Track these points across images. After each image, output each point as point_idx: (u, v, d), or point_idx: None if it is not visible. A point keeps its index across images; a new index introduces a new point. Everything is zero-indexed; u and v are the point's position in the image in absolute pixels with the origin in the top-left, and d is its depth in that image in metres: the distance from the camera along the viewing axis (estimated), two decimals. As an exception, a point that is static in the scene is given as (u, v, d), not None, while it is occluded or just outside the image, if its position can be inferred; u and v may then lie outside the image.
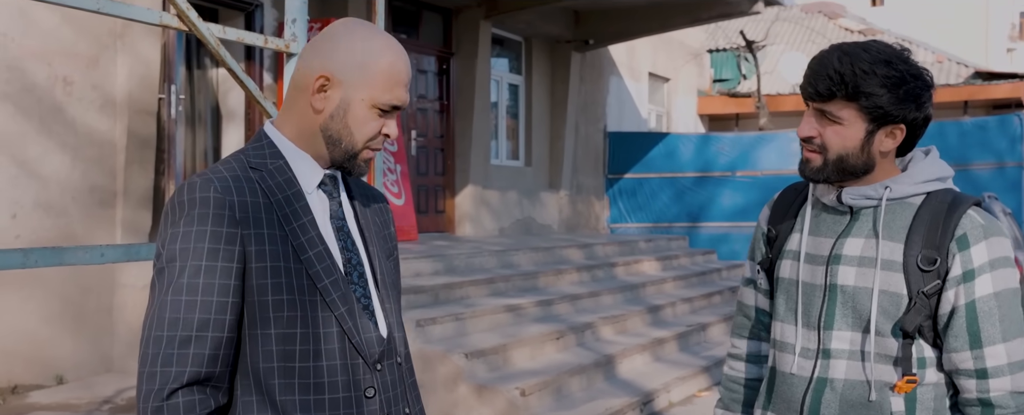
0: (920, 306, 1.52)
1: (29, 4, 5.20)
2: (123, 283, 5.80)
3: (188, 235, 1.28)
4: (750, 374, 1.83)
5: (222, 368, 1.29)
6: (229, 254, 1.29)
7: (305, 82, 1.39)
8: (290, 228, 1.34)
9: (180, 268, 1.27)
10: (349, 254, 1.41)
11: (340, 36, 1.40)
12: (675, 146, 12.75)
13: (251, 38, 2.75)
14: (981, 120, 12.08)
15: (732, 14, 10.47)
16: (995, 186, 10.57)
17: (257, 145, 1.41)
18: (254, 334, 1.31)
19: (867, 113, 1.52)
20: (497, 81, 10.56)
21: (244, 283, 1.30)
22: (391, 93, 1.38)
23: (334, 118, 1.38)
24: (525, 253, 7.51)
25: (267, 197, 1.34)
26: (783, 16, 19.50)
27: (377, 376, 1.39)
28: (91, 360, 5.73)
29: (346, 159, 1.40)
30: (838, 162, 1.56)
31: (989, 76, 16.35)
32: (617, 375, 5.71)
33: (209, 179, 1.32)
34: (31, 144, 5.43)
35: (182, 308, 1.26)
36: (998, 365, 1.51)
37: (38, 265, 2.05)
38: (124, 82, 5.89)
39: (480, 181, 9.66)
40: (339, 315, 1.35)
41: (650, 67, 13.81)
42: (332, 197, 1.43)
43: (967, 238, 1.52)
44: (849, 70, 1.49)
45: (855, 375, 1.57)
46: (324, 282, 1.34)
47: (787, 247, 1.68)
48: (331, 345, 1.34)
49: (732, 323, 1.88)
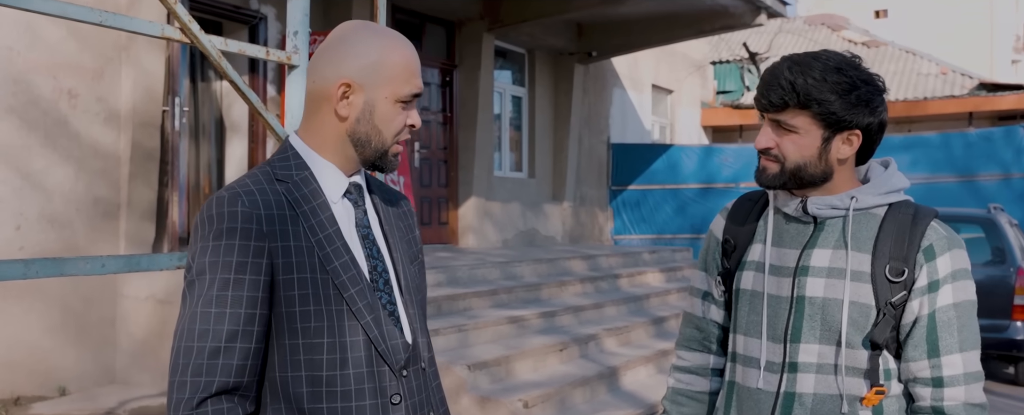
0: (888, 317, 1.53)
1: (35, 18, 5.23)
2: (126, 294, 5.80)
3: (217, 249, 1.31)
4: (699, 387, 1.81)
5: (250, 378, 1.32)
6: (256, 267, 1.32)
7: (326, 92, 1.41)
8: (317, 239, 1.37)
9: (209, 281, 1.30)
10: (374, 261, 1.43)
11: (349, 41, 1.42)
12: (678, 158, 12.76)
13: (253, 50, 2.76)
14: (986, 131, 12.07)
15: (735, 26, 10.48)
16: (1001, 197, 10.54)
17: (283, 156, 1.43)
18: (282, 344, 1.34)
19: (821, 120, 1.53)
20: (500, 93, 10.58)
21: (272, 294, 1.33)
22: (410, 84, 1.43)
23: (361, 121, 1.41)
24: (528, 264, 7.50)
25: (293, 209, 1.37)
26: (786, 28, 19.54)
27: (403, 383, 1.41)
28: (94, 371, 5.73)
29: (378, 157, 1.44)
30: (796, 171, 1.57)
31: (994, 87, 16.33)
32: (620, 387, 5.68)
33: (236, 193, 1.34)
34: (36, 156, 5.45)
35: (211, 320, 1.29)
36: (954, 374, 1.52)
37: (39, 275, 2.05)
38: (128, 95, 5.92)
39: (483, 193, 9.66)
40: (365, 324, 1.37)
41: (653, 79, 13.83)
42: (357, 205, 1.45)
43: (933, 249, 1.53)
44: (800, 79, 1.51)
45: (824, 389, 1.56)
46: (350, 291, 1.37)
47: (748, 258, 1.66)
48: (358, 353, 1.36)
49: (679, 335, 1.86)
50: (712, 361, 1.79)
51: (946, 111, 15.83)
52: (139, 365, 5.71)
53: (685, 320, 1.84)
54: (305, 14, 2.66)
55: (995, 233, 7.19)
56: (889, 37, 22.96)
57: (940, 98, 16.07)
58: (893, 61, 18.79)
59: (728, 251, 1.71)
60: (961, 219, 7.75)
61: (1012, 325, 6.81)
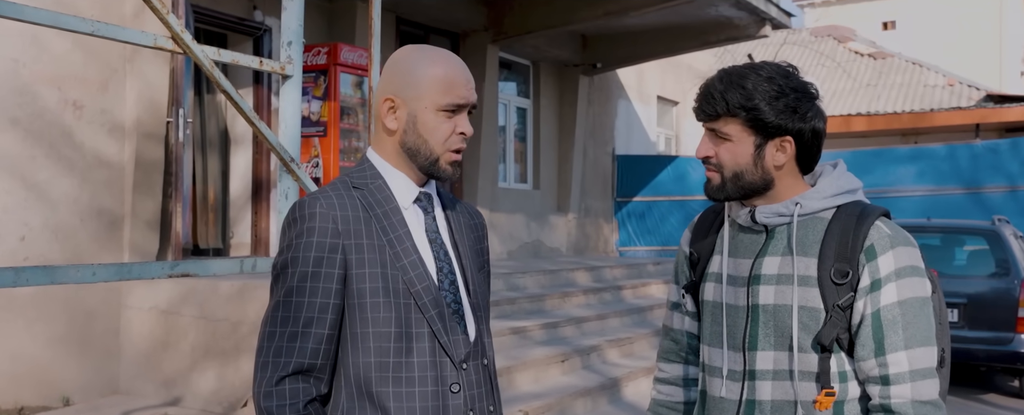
0: (836, 319, 1.55)
1: (41, 30, 5.28)
2: (129, 305, 5.83)
3: (297, 246, 1.47)
4: (678, 398, 1.85)
5: (323, 361, 1.47)
6: (332, 262, 1.47)
7: (378, 109, 1.57)
8: (388, 239, 1.51)
9: (290, 274, 1.47)
10: (441, 263, 1.56)
11: (395, 62, 1.58)
12: (685, 169, 12.75)
13: (246, 60, 2.78)
14: (993, 143, 12.03)
15: (740, 37, 10.49)
16: (1007, 209, 10.49)
17: (360, 168, 1.59)
18: (354, 332, 1.48)
19: (751, 126, 1.58)
20: (505, 104, 10.61)
21: (346, 287, 1.48)
22: (450, 94, 1.53)
23: (408, 132, 1.54)
24: (532, 276, 7.49)
25: (367, 211, 1.52)
26: (791, 40, 19.54)
27: (462, 374, 1.52)
28: (97, 382, 5.74)
29: (430, 166, 1.55)
30: (735, 179, 1.61)
31: (1001, 99, 16.28)
32: (622, 398, 5.66)
33: (316, 197, 1.51)
34: (41, 167, 5.49)
35: (292, 308, 1.46)
36: (900, 372, 1.52)
37: (29, 283, 2.07)
38: (133, 106, 5.97)
39: (488, 204, 9.67)
40: (429, 318, 1.50)
41: (659, 90, 13.84)
42: (427, 212, 1.59)
43: (875, 248, 1.55)
44: (730, 89, 1.57)
45: (781, 395, 1.59)
46: (417, 287, 1.49)
47: (710, 270, 1.71)
48: (422, 344, 1.49)
49: (659, 347, 1.90)
50: (687, 371, 1.84)
51: (953, 123, 15.79)
52: (142, 376, 5.73)
53: (663, 333, 1.89)
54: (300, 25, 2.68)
55: (999, 245, 7.15)
56: (896, 49, 22.93)
57: (947, 110, 16.02)
58: (900, 72, 18.76)
59: (694, 263, 1.76)
60: (966, 231, 7.71)
61: (1016, 338, 6.76)
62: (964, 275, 7.29)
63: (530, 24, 9.29)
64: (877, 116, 16.39)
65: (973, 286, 7.03)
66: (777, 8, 10.08)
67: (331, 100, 7.21)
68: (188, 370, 5.44)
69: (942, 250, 7.68)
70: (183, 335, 5.50)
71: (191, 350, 5.43)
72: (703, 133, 1.65)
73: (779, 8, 10.14)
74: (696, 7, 9.27)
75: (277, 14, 7.28)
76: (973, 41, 28.68)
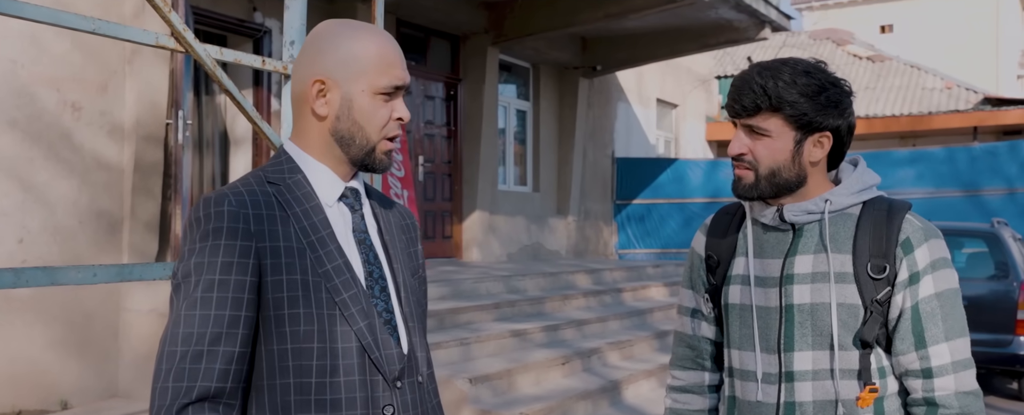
0: (876, 314, 1.54)
1: (40, 31, 5.26)
2: (128, 307, 5.80)
3: (203, 250, 1.27)
4: (697, 406, 1.81)
5: (234, 384, 1.26)
6: (243, 267, 1.27)
7: (304, 93, 1.39)
8: (308, 241, 1.32)
9: (195, 282, 1.26)
10: (371, 267, 1.38)
11: (322, 38, 1.40)
12: (684, 172, 12.75)
13: (249, 60, 2.77)
14: (991, 146, 12.05)
15: (739, 40, 10.50)
16: (1005, 212, 10.50)
17: (276, 161, 1.41)
18: (270, 349, 1.29)
19: (793, 122, 1.55)
20: (505, 107, 10.60)
21: (260, 297, 1.29)
22: (388, 75, 1.38)
23: (341, 118, 1.37)
24: (532, 278, 7.48)
25: (284, 210, 1.33)
26: (790, 42, 19.56)
27: (396, 394, 1.35)
28: (96, 385, 5.72)
29: (365, 155, 1.39)
30: (770, 176, 1.57)
31: (999, 102, 16.30)
32: (623, 401, 5.65)
33: (224, 194, 1.31)
34: (39, 169, 5.47)
35: (195, 322, 1.24)
36: (942, 364, 1.52)
37: (29, 285, 2.05)
38: (132, 108, 5.95)
39: (488, 207, 9.66)
40: (358, 330, 1.31)
41: (658, 93, 13.84)
42: (354, 210, 1.41)
43: (911, 241, 1.55)
44: (770, 82, 1.54)
45: (822, 395, 1.56)
46: (342, 296, 1.31)
47: (732, 272, 1.67)
48: (349, 360, 1.30)
49: (672, 355, 1.85)
50: (707, 378, 1.79)
51: (951, 125, 15.81)
52: (142, 378, 5.70)
53: (677, 339, 1.83)
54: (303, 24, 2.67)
55: (998, 247, 7.15)
56: (894, 52, 22.95)
57: (945, 112, 16.04)
58: (898, 76, 18.78)
59: (712, 267, 1.71)
60: (965, 233, 7.71)
61: (1015, 340, 6.75)
62: (963, 277, 7.27)
63: (530, 26, 9.29)
64: (876, 119, 16.41)
65: (972, 288, 7.02)
66: (776, 11, 10.08)
67: (331, 102, 7.18)
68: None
69: (942, 252, 7.66)
70: (182, 337, 5.47)
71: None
72: (736, 130, 1.60)
73: (778, 11, 10.15)
74: (696, 10, 9.28)
75: (277, 16, 7.28)
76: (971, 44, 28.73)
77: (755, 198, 1.61)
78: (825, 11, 31.52)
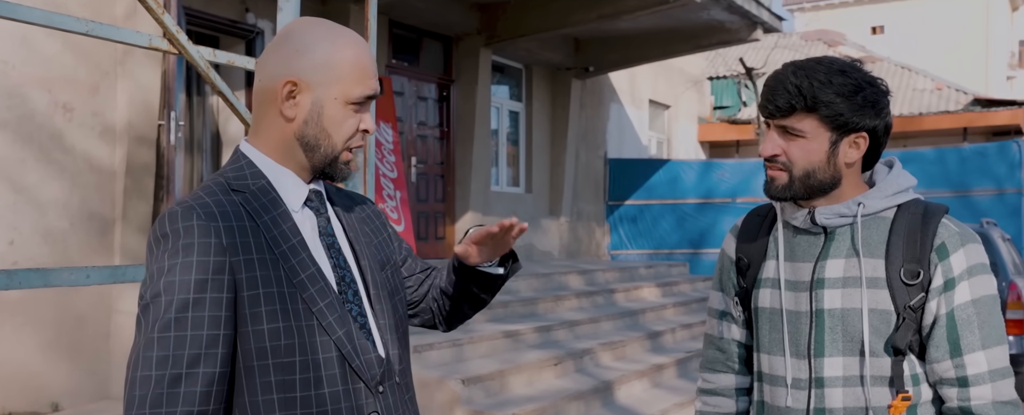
0: (909, 321, 1.50)
1: (31, 32, 5.25)
2: (119, 309, 5.78)
3: (173, 268, 1.21)
4: (726, 409, 1.77)
5: (215, 405, 1.21)
6: (218, 284, 1.22)
7: (271, 91, 1.32)
8: (280, 251, 1.27)
9: (166, 303, 1.19)
10: (342, 271, 1.35)
11: (297, 37, 1.33)
12: (676, 173, 12.78)
13: (241, 61, 2.77)
14: (981, 146, 12.11)
15: (731, 41, 10.53)
16: (995, 212, 10.55)
17: (236, 166, 1.34)
18: (250, 366, 1.24)
19: (828, 123, 1.51)
20: (497, 108, 10.61)
21: (236, 313, 1.24)
22: (363, 84, 1.33)
23: (309, 123, 1.31)
24: (524, 279, 7.48)
25: (253, 220, 1.28)
26: (782, 43, 19.62)
27: (379, 399, 1.33)
28: (87, 387, 5.70)
29: (327, 164, 1.34)
30: (805, 178, 1.53)
31: (988, 103, 16.40)
32: (615, 401, 5.66)
33: (190, 207, 1.24)
34: (30, 171, 5.45)
35: (170, 345, 1.18)
36: (978, 373, 1.48)
37: (23, 286, 2.04)
38: (124, 109, 5.93)
39: (480, 208, 9.66)
40: (337, 339, 1.28)
41: (650, 94, 13.87)
42: (319, 213, 1.37)
43: (946, 247, 1.50)
44: (805, 82, 1.49)
45: (853, 402, 1.53)
46: (319, 305, 1.28)
47: (763, 275, 1.63)
48: (331, 370, 1.28)
49: (702, 358, 1.81)
50: (737, 381, 1.76)
51: (941, 126, 15.89)
52: (132, 380, 5.69)
53: (706, 342, 1.80)
54: (296, 26, 2.67)
55: (988, 248, 7.18)
56: (885, 53, 23.06)
57: (935, 113, 16.12)
58: (889, 77, 18.85)
59: (742, 269, 1.68)
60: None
61: (1007, 339, 6.79)
62: (955, 278, 7.32)
63: (523, 28, 9.30)
64: (867, 120, 16.44)
65: (963, 289, 7.05)
66: (768, 12, 10.12)
67: (323, 103, 7.18)
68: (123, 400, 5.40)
69: (933, 253, 7.70)
70: (174, 339, 5.46)
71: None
72: (769, 130, 1.56)
73: (770, 12, 10.18)
74: (688, 11, 9.30)
75: (269, 17, 7.27)
76: (961, 46, 28.88)
77: (788, 199, 1.56)
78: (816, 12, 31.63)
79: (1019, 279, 7.07)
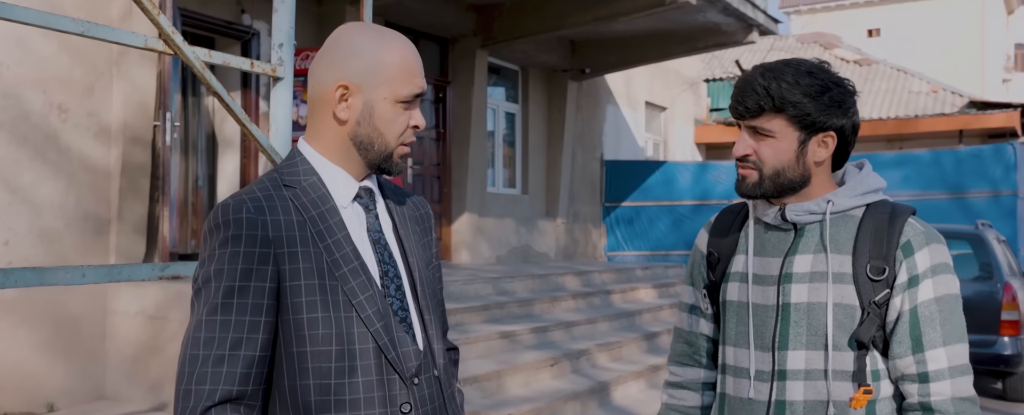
0: (873, 316, 1.54)
1: (26, 33, 5.24)
2: (114, 310, 5.78)
3: (222, 256, 1.30)
4: (692, 402, 1.80)
5: (255, 386, 1.30)
6: (262, 274, 1.30)
7: (325, 96, 1.40)
8: (325, 245, 1.35)
9: (214, 289, 1.30)
10: (386, 266, 1.41)
11: (345, 42, 1.41)
12: (673, 174, 12.79)
13: (237, 62, 2.77)
14: (976, 149, 12.14)
15: (727, 43, 10.55)
16: (990, 214, 10.59)
17: (290, 163, 1.42)
18: (290, 352, 1.32)
19: (796, 122, 1.55)
20: (494, 109, 10.61)
21: (279, 302, 1.32)
22: (410, 83, 1.40)
23: (361, 123, 1.39)
24: (521, 280, 7.49)
25: (301, 214, 1.35)
26: (778, 46, 19.66)
27: (414, 391, 1.38)
28: (82, 388, 5.69)
29: (382, 160, 1.42)
30: (775, 176, 1.58)
31: (984, 106, 16.45)
32: (612, 402, 5.66)
33: (242, 200, 1.33)
34: (25, 171, 5.45)
35: (216, 327, 1.28)
36: (939, 369, 1.52)
37: (19, 285, 2.05)
38: (119, 109, 5.93)
39: (477, 209, 9.67)
40: (375, 331, 1.35)
41: (647, 96, 13.89)
42: (368, 210, 1.43)
43: (912, 245, 1.55)
44: (773, 84, 1.54)
45: (813, 395, 1.56)
46: (359, 298, 1.34)
47: (732, 269, 1.68)
48: (367, 361, 1.34)
49: (671, 351, 1.85)
50: (703, 375, 1.79)
51: (937, 129, 15.93)
52: (129, 381, 5.68)
53: (676, 335, 1.84)
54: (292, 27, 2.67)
55: (983, 249, 7.21)
56: (881, 56, 23.11)
57: (931, 116, 16.17)
58: (885, 79, 18.91)
59: (713, 264, 1.71)
60: (950, 235, 7.76)
61: (999, 340, 6.82)
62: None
63: (519, 29, 9.31)
64: (863, 122, 16.50)
65: (957, 290, 7.08)
66: (764, 15, 10.14)
67: (319, 104, 7.18)
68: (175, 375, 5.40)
69: (928, 254, 7.73)
70: (170, 340, 5.45)
71: (178, 355, 5.39)
72: (740, 131, 1.61)
73: (766, 15, 10.21)
74: (685, 13, 9.32)
75: (265, 18, 7.27)
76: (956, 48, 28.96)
77: (759, 197, 1.61)
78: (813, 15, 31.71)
79: (1014, 280, 7.10)
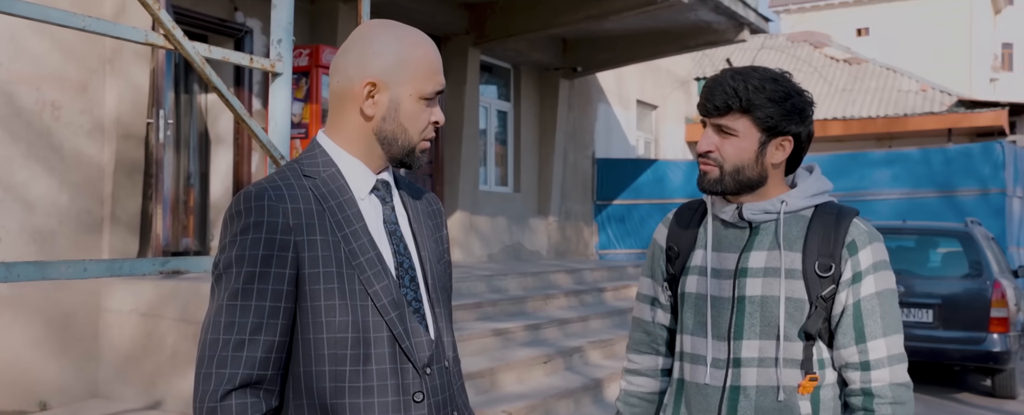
0: (820, 309, 1.66)
1: (19, 30, 5.23)
2: (108, 307, 5.77)
3: (243, 243, 1.33)
4: (649, 388, 1.92)
5: (273, 371, 1.34)
6: (282, 260, 1.34)
7: (351, 91, 1.43)
8: (342, 234, 1.38)
9: (235, 274, 1.33)
10: (401, 258, 1.44)
11: (372, 39, 1.45)
12: (664, 172, 12.83)
13: (236, 58, 2.78)
14: (965, 147, 12.23)
15: (718, 42, 10.60)
16: (979, 212, 10.67)
17: (310, 154, 1.46)
18: (306, 338, 1.35)
19: (759, 124, 1.67)
20: (486, 108, 10.63)
21: (297, 288, 1.35)
22: (434, 81, 1.45)
23: (387, 119, 1.43)
24: (514, 278, 7.51)
25: (320, 204, 1.39)
26: (769, 45, 19.74)
27: (425, 380, 1.41)
28: (76, 385, 5.68)
29: (405, 155, 1.46)
30: (735, 173, 1.69)
31: (972, 104, 16.56)
32: (605, 399, 5.69)
33: (263, 188, 1.37)
34: (18, 169, 5.43)
35: (237, 312, 1.32)
36: (879, 358, 1.65)
37: (20, 279, 2.05)
38: (113, 107, 5.92)
39: (469, 207, 9.68)
40: (389, 320, 1.38)
41: (638, 94, 13.93)
42: (385, 202, 1.47)
43: (856, 244, 1.67)
44: (742, 85, 1.65)
45: (765, 381, 1.68)
46: (375, 287, 1.38)
47: (691, 263, 1.78)
48: (381, 349, 1.37)
49: (629, 339, 1.96)
50: (661, 362, 1.90)
51: (926, 127, 16.04)
52: (122, 379, 5.67)
53: (634, 325, 1.94)
54: (290, 22, 2.68)
55: (972, 247, 7.27)
56: (870, 55, 23.23)
57: (920, 114, 16.27)
58: (874, 78, 19.01)
59: (672, 257, 1.82)
60: (939, 233, 7.83)
61: (988, 337, 6.88)
62: (938, 276, 7.41)
63: (511, 28, 9.32)
64: (853, 120, 16.60)
65: (946, 287, 7.15)
66: (755, 13, 10.19)
67: (312, 102, 7.19)
68: (169, 373, 5.39)
69: (916, 252, 7.79)
70: (164, 338, 5.45)
71: (172, 353, 5.39)
72: (706, 128, 1.71)
73: (757, 13, 10.25)
74: (676, 12, 9.35)
75: (258, 15, 7.26)
76: (945, 48, 29.13)
77: (719, 193, 1.71)
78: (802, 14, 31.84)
79: (1002, 278, 7.16)
